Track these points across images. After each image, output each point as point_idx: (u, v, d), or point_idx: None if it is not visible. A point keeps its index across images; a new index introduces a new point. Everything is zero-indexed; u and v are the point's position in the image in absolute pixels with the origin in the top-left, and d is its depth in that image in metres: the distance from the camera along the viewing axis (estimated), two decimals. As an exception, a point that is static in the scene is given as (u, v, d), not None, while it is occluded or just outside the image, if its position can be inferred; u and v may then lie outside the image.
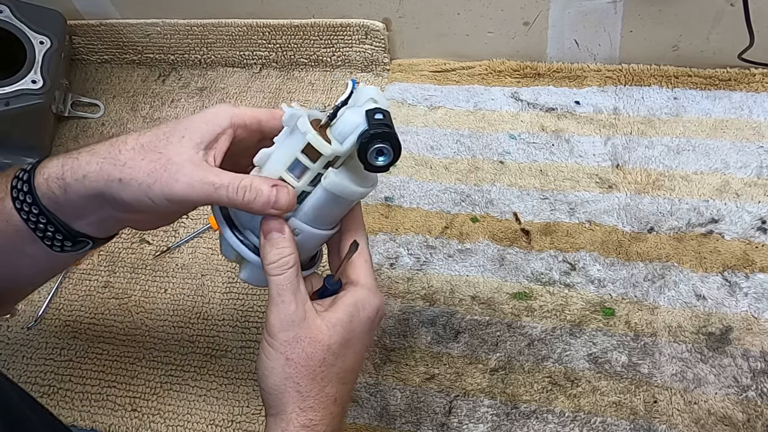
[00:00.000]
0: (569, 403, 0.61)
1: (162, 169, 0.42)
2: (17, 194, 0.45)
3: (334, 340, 0.44)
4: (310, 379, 0.44)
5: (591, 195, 0.74)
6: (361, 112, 0.43)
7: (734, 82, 0.79)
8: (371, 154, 0.43)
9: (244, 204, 0.42)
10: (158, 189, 0.42)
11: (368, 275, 0.48)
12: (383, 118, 0.43)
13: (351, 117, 0.43)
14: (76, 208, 0.45)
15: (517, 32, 0.84)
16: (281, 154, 0.44)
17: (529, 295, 0.68)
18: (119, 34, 0.96)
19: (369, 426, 0.62)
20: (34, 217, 0.45)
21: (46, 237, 0.46)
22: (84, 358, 0.71)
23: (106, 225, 0.47)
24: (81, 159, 0.44)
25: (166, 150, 0.42)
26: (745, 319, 0.63)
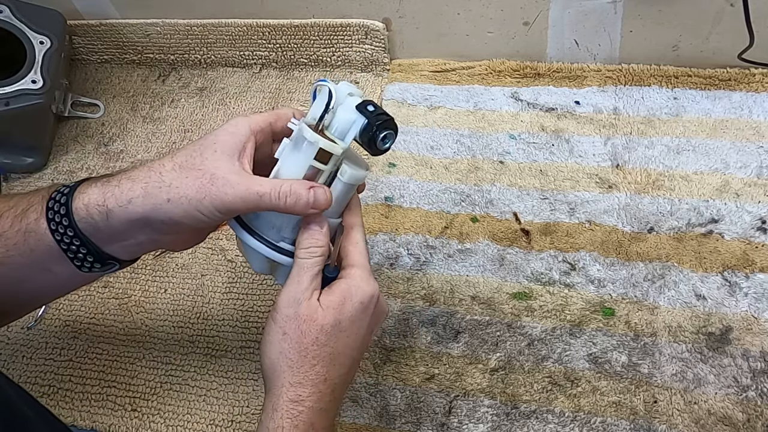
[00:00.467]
0: (569, 403, 0.61)
1: (209, 183, 0.45)
2: (53, 216, 0.47)
3: (326, 321, 0.46)
4: (301, 355, 0.46)
5: (591, 195, 0.74)
6: (352, 108, 0.48)
7: (734, 82, 0.79)
8: (380, 143, 0.48)
9: (287, 208, 0.45)
10: (208, 202, 0.45)
11: (361, 262, 0.49)
12: (375, 108, 0.48)
13: (346, 115, 0.48)
14: (114, 234, 0.47)
15: (517, 32, 0.84)
16: (293, 165, 0.48)
17: (529, 295, 0.68)
18: (119, 34, 0.96)
19: (369, 426, 0.62)
20: (68, 239, 0.47)
21: (77, 258, 0.48)
22: (84, 358, 0.71)
23: (140, 248, 0.50)
24: (122, 186, 0.46)
25: (205, 166, 0.45)
26: (745, 319, 0.63)
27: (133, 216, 0.46)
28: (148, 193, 0.45)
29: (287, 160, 0.48)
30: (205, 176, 0.45)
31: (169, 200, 0.45)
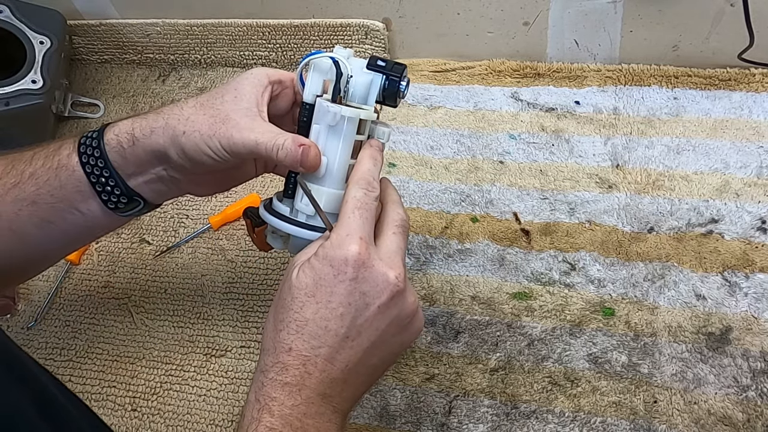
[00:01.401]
0: (569, 403, 0.61)
1: (221, 123, 0.47)
2: (85, 149, 0.49)
3: (295, 282, 0.43)
4: (274, 318, 0.44)
5: (591, 195, 0.74)
6: (363, 70, 0.47)
7: (734, 82, 0.79)
8: (402, 91, 0.47)
9: (279, 160, 0.46)
10: (216, 140, 0.46)
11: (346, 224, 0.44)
12: (385, 61, 0.47)
13: (361, 78, 0.47)
14: (138, 164, 0.50)
15: (517, 32, 0.84)
16: (342, 148, 0.47)
17: (529, 295, 0.68)
18: (119, 34, 0.96)
19: (369, 426, 0.62)
20: (98, 170, 0.49)
21: (105, 192, 0.50)
22: (84, 358, 0.71)
23: (162, 185, 0.52)
24: (149, 118, 0.49)
25: (223, 107, 0.48)
26: (745, 319, 0.63)
27: (155, 146, 0.48)
28: (168, 125, 0.48)
29: (331, 145, 0.47)
30: (220, 115, 0.47)
31: (185, 132, 0.47)
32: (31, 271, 0.59)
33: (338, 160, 0.47)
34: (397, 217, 0.48)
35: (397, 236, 0.46)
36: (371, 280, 0.43)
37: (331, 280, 0.43)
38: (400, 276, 0.44)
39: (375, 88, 0.47)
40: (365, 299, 0.43)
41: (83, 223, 0.52)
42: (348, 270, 0.42)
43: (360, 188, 0.45)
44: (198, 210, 0.81)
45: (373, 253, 0.44)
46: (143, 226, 0.80)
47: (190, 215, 0.81)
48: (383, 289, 0.43)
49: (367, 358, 0.44)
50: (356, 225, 0.44)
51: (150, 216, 0.81)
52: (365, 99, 0.47)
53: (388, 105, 0.48)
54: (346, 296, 0.43)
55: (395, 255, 0.45)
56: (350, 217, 0.44)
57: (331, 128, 0.47)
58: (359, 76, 0.47)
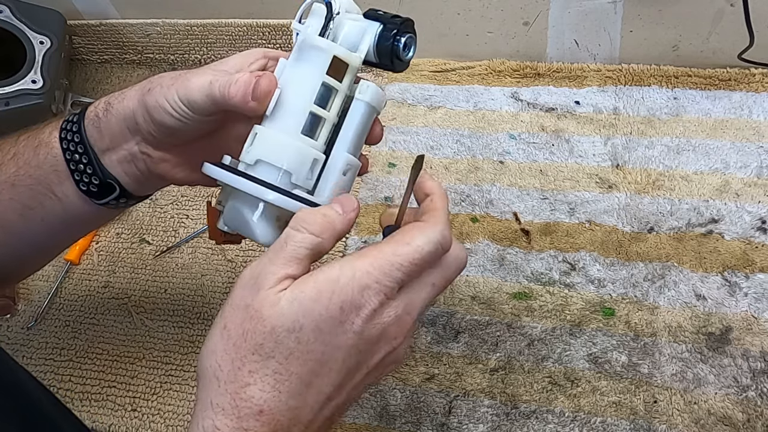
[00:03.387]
0: (569, 403, 0.61)
1: (185, 74, 0.43)
2: (66, 124, 0.47)
3: (280, 322, 0.33)
4: (235, 366, 0.33)
5: (591, 195, 0.74)
6: (359, 15, 0.40)
7: (734, 82, 0.79)
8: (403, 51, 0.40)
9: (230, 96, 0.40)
10: (174, 91, 0.42)
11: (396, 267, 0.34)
12: (387, 13, 0.40)
13: (355, 23, 0.40)
14: (111, 136, 0.46)
15: (517, 32, 0.84)
16: (301, 83, 0.39)
17: (529, 295, 0.68)
18: (119, 34, 0.96)
19: (369, 426, 0.62)
20: (73, 146, 0.47)
21: (77, 170, 0.47)
22: (84, 358, 0.71)
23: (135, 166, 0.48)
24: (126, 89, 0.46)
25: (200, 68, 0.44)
26: (745, 319, 0.63)
27: (126, 111, 0.45)
28: (142, 87, 0.45)
29: (292, 78, 0.39)
30: (186, 72, 0.43)
31: (150, 90, 0.44)
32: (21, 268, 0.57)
33: (293, 97, 0.39)
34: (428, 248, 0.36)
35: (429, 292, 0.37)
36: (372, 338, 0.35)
37: (335, 328, 0.33)
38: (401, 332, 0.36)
39: (368, 38, 0.39)
40: (358, 358, 0.35)
41: (61, 210, 0.49)
42: (355, 322, 0.34)
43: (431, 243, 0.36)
44: (198, 210, 0.81)
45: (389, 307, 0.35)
46: (143, 226, 0.81)
47: (190, 215, 0.81)
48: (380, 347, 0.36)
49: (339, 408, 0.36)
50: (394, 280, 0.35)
51: (150, 216, 0.81)
52: (355, 48, 0.40)
53: (385, 68, 0.40)
54: (342, 351, 0.34)
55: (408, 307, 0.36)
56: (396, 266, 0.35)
57: (298, 59, 0.39)
58: (354, 20, 0.40)
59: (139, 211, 0.82)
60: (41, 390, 0.47)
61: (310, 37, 0.38)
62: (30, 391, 0.45)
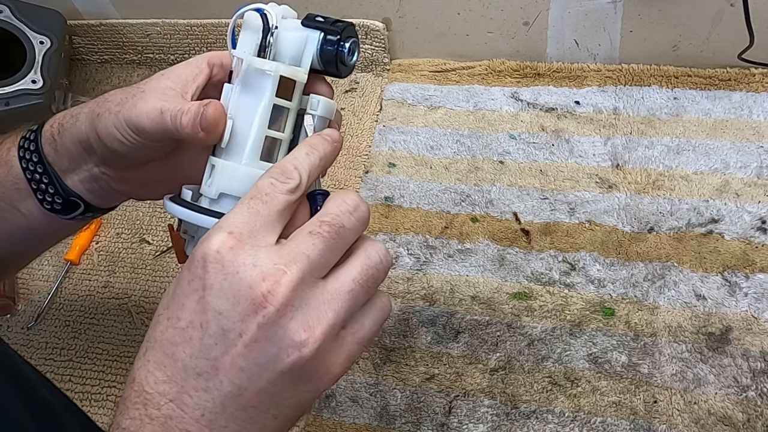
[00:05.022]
0: (569, 403, 0.61)
1: (131, 97, 0.41)
2: (23, 142, 0.46)
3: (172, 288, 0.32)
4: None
5: (591, 195, 0.74)
6: (298, 25, 0.38)
7: (734, 82, 0.79)
8: (348, 56, 0.38)
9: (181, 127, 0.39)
10: (121, 116, 0.41)
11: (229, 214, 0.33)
12: (326, 18, 0.38)
13: (294, 34, 0.38)
14: (70, 158, 0.45)
15: (517, 32, 0.84)
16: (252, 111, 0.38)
17: (529, 295, 0.68)
18: (119, 34, 0.96)
19: (369, 426, 0.62)
20: (32, 165, 0.45)
21: (39, 190, 0.46)
22: (84, 358, 0.71)
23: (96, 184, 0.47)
24: (80, 106, 0.44)
25: (144, 85, 0.42)
26: (745, 319, 0.63)
27: (80, 134, 0.43)
28: (92, 110, 0.43)
29: (242, 106, 0.38)
30: (133, 92, 0.41)
31: (99, 114, 0.42)
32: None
33: (247, 126, 0.38)
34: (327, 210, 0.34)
35: (314, 238, 0.32)
36: (231, 295, 0.30)
37: (184, 288, 0.31)
38: (275, 292, 0.30)
39: (310, 47, 0.38)
40: (220, 321, 0.30)
41: (26, 225, 0.48)
42: (202, 275, 0.30)
43: (268, 176, 0.34)
44: (198, 210, 0.81)
45: (248, 255, 0.31)
46: (143, 226, 0.80)
47: (190, 215, 0.80)
48: (249, 313, 0.30)
49: (234, 410, 0.31)
50: (236, 219, 0.32)
51: (150, 216, 0.81)
52: (298, 61, 0.39)
53: (332, 74, 0.39)
54: (196, 312, 0.31)
55: (287, 263, 0.31)
56: (235, 210, 0.33)
57: (244, 86, 0.38)
58: (292, 33, 0.38)
59: (139, 211, 0.82)
60: (49, 388, 0.47)
61: (253, 62, 0.37)
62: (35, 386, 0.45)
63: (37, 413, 0.40)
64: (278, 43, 0.38)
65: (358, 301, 0.34)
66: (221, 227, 0.31)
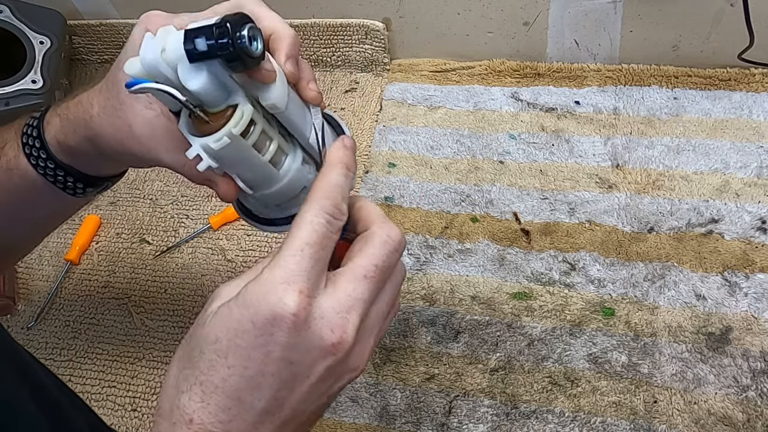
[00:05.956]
0: (569, 403, 0.61)
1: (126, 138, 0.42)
2: (30, 150, 0.46)
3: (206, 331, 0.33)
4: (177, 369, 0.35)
5: (591, 195, 0.74)
6: (190, 67, 0.32)
7: (734, 82, 0.79)
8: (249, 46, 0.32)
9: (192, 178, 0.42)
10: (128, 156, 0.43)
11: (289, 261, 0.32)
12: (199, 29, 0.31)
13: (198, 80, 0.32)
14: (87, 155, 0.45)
15: (517, 32, 0.84)
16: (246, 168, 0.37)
17: (529, 295, 0.68)
18: (119, 34, 0.96)
19: (369, 426, 0.62)
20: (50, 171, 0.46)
21: (67, 187, 0.47)
22: (84, 358, 0.71)
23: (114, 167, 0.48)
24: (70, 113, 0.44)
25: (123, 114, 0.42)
26: (745, 319, 0.63)
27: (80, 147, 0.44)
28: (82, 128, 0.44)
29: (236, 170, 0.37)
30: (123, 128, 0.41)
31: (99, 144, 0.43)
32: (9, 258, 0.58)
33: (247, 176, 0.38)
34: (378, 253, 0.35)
35: (369, 283, 0.34)
36: (304, 348, 0.32)
37: (250, 341, 0.32)
38: (344, 341, 0.33)
39: (222, 77, 0.33)
40: (292, 370, 0.32)
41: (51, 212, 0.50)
42: (275, 333, 0.31)
43: (323, 213, 0.33)
44: (198, 210, 0.81)
45: (315, 309, 0.32)
46: (143, 226, 0.80)
47: (190, 215, 0.81)
48: (318, 359, 0.33)
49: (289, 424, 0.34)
50: (300, 269, 0.32)
51: (150, 216, 0.81)
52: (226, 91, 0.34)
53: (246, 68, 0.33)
54: (267, 365, 0.32)
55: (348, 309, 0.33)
56: (295, 256, 0.32)
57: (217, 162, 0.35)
58: (194, 78, 0.32)
59: (139, 211, 0.82)
60: (53, 381, 0.47)
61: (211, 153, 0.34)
62: (42, 380, 0.45)
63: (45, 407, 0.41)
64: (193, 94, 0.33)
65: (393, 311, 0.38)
66: (290, 283, 0.32)
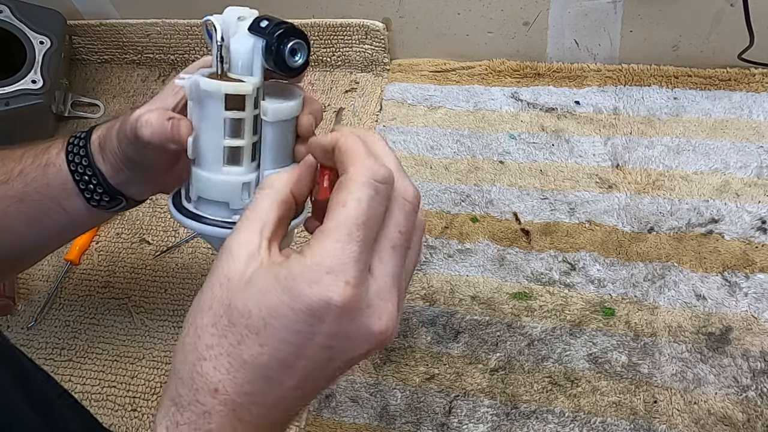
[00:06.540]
0: (569, 403, 0.61)
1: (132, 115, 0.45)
2: (72, 148, 0.51)
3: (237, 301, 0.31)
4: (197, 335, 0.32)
5: (591, 195, 0.74)
6: (245, 32, 0.40)
7: (734, 82, 0.79)
8: (289, 59, 0.39)
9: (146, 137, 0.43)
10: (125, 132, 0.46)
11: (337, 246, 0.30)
12: (270, 21, 0.39)
13: (241, 45, 0.40)
14: (111, 165, 0.50)
15: (517, 32, 0.84)
16: (208, 127, 0.41)
17: (529, 295, 0.68)
18: (119, 34, 0.96)
19: (369, 426, 0.62)
20: (81, 169, 0.50)
21: (87, 190, 0.51)
22: (84, 358, 0.71)
23: (137, 186, 0.52)
24: (118, 120, 0.49)
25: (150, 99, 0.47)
26: (745, 319, 0.63)
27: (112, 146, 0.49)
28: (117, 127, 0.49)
29: (199, 121, 0.41)
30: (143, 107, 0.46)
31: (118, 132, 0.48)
32: (18, 266, 0.61)
33: (206, 139, 0.41)
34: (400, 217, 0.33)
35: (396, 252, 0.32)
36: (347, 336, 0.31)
37: (288, 326, 0.30)
38: (390, 324, 0.32)
39: (258, 55, 0.39)
40: (330, 354, 0.31)
41: (68, 220, 0.53)
42: (316, 324, 0.30)
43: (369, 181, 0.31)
44: (198, 210, 0.81)
45: (362, 300, 0.31)
46: (143, 226, 0.80)
47: (190, 215, 0.80)
48: (362, 345, 0.32)
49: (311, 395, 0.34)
50: (348, 258, 0.30)
51: (150, 216, 0.81)
52: (250, 69, 0.40)
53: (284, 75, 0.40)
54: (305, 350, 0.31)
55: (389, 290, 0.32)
56: (343, 241, 0.30)
57: (198, 104, 0.41)
58: (241, 42, 0.40)
59: (139, 211, 0.82)
60: (49, 383, 0.48)
61: (200, 83, 0.39)
62: (39, 384, 0.46)
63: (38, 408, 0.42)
64: (231, 54, 0.40)
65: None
66: (337, 273, 0.30)
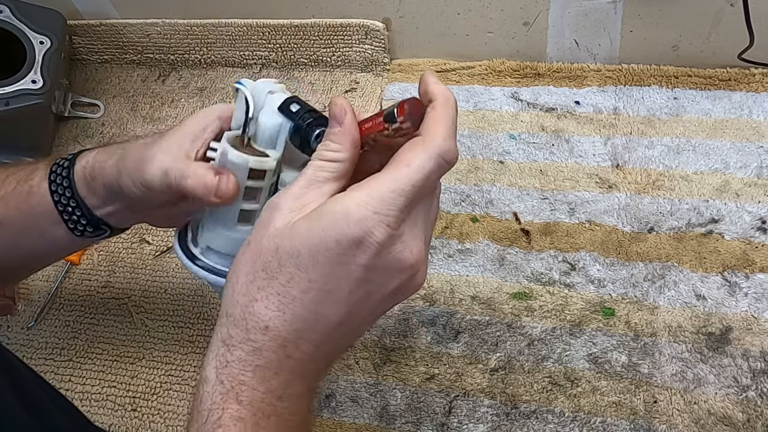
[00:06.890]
0: (569, 403, 0.61)
1: (143, 158, 0.44)
2: (55, 178, 0.49)
3: (284, 244, 0.35)
4: (248, 280, 0.36)
5: (591, 195, 0.74)
6: (275, 111, 0.42)
7: (734, 82, 0.79)
8: (313, 143, 0.41)
9: (188, 189, 0.42)
10: (135, 176, 0.44)
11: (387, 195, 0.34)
12: (300, 106, 0.42)
13: (270, 121, 0.42)
14: (100, 197, 0.49)
15: (517, 32, 0.84)
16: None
17: (529, 295, 0.68)
18: (119, 34, 0.96)
19: (369, 426, 0.62)
20: (65, 200, 0.49)
21: (71, 220, 0.49)
22: (84, 358, 0.71)
23: (124, 217, 0.51)
24: (110, 150, 0.48)
25: (159, 142, 0.45)
26: (745, 319, 0.63)
27: (107, 182, 0.47)
28: (116, 163, 0.47)
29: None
30: (150, 150, 0.44)
31: (120, 171, 0.46)
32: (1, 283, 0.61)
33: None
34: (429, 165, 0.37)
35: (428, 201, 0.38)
36: (383, 268, 0.35)
37: (334, 260, 0.34)
38: (420, 258, 0.36)
39: (283, 132, 0.43)
40: (368, 288, 0.35)
41: (51, 246, 0.52)
42: (357, 255, 0.34)
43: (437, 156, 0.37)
44: (198, 210, 0.81)
45: (398, 238, 0.35)
46: (143, 226, 0.80)
47: (190, 215, 0.80)
48: (395, 277, 0.36)
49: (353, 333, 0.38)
50: (396, 207, 0.34)
51: (150, 216, 0.81)
52: (273, 143, 0.43)
53: (302, 152, 0.43)
54: (348, 282, 0.35)
55: (419, 231, 0.36)
56: (397, 193, 0.34)
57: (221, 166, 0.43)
58: (270, 119, 0.43)
59: (139, 211, 0.82)
60: (43, 388, 0.48)
61: (228, 154, 0.42)
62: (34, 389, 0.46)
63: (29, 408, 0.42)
64: (258, 126, 0.43)
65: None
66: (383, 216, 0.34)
